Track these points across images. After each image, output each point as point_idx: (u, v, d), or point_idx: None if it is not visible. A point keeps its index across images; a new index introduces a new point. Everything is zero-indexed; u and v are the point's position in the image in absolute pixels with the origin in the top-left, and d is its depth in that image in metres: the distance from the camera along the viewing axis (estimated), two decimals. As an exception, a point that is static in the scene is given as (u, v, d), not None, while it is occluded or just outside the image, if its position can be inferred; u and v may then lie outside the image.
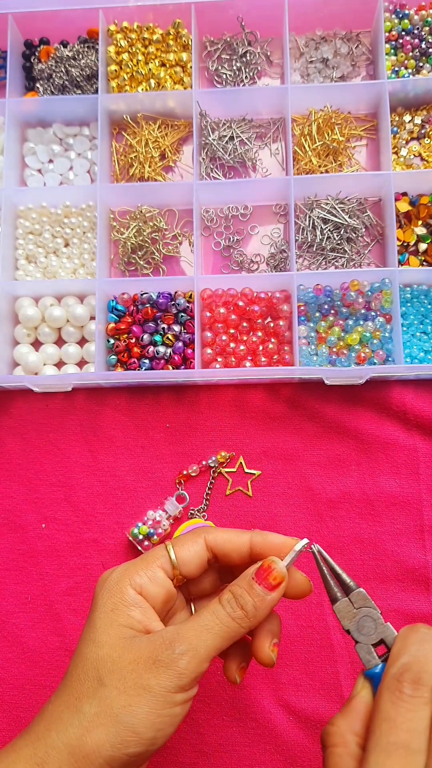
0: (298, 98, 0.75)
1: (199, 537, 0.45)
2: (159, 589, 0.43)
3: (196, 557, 0.44)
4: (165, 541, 0.45)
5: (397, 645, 0.38)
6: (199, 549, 0.44)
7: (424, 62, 0.77)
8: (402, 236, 0.73)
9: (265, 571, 0.42)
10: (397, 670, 0.36)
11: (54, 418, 0.72)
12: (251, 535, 0.45)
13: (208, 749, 0.64)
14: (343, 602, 0.42)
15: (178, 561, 0.44)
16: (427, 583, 0.66)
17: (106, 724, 0.38)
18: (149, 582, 0.42)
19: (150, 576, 0.43)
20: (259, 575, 0.42)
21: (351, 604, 0.42)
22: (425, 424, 0.69)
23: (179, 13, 0.77)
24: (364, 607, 0.41)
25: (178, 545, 0.44)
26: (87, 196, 0.76)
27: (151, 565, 0.43)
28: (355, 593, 0.42)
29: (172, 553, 0.44)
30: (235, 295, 0.73)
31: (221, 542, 0.44)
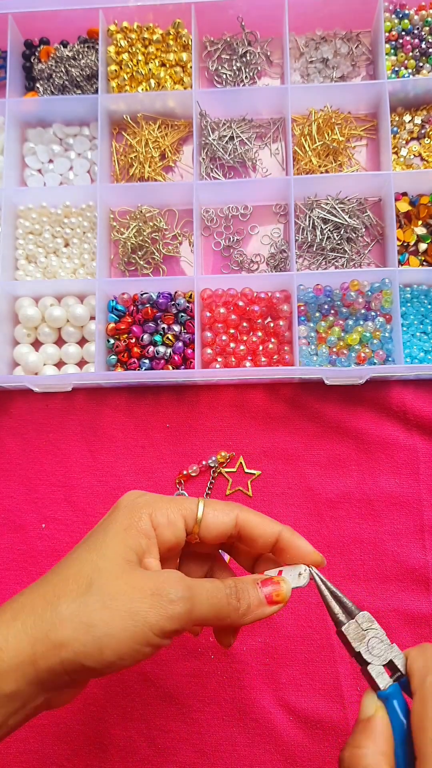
0: (298, 98, 0.75)
1: (233, 511, 0.43)
2: (172, 536, 0.42)
3: (221, 528, 0.43)
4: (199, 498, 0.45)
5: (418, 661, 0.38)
6: (228, 521, 0.43)
7: (424, 62, 0.77)
8: (402, 236, 0.73)
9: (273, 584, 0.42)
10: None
11: (54, 418, 0.72)
12: (282, 529, 0.44)
13: (208, 749, 0.64)
14: (352, 624, 0.41)
15: (203, 524, 0.43)
16: (427, 583, 0.66)
17: (78, 630, 0.37)
18: (166, 524, 0.42)
19: (170, 519, 0.42)
20: (266, 584, 0.42)
21: (359, 626, 0.41)
22: (425, 424, 0.69)
23: (179, 13, 0.77)
24: (371, 629, 0.41)
25: (210, 508, 0.43)
26: (87, 196, 0.76)
27: (176, 510, 0.42)
28: (361, 615, 0.41)
29: (201, 514, 0.43)
30: (235, 295, 0.73)
31: (252, 525, 0.43)
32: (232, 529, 0.43)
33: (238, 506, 0.44)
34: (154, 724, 0.64)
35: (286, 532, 0.44)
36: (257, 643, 0.65)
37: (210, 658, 0.65)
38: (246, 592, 0.41)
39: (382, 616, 0.66)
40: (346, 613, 0.42)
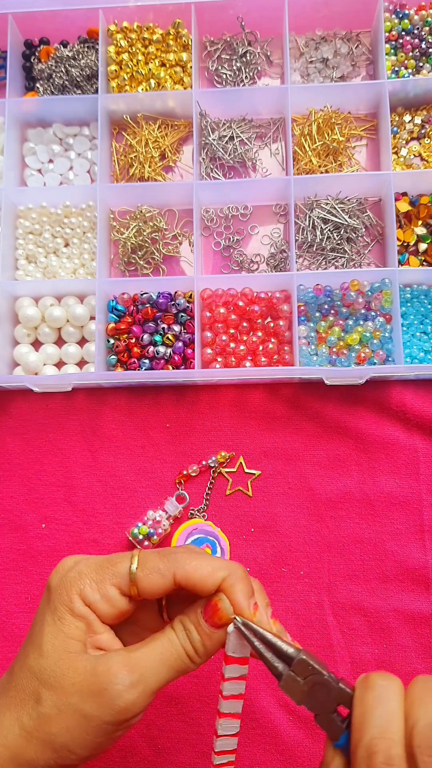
0: (298, 98, 0.75)
1: (168, 572, 0.40)
2: (109, 609, 0.40)
3: (159, 589, 0.40)
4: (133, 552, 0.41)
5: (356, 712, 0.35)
6: (165, 583, 0.40)
7: (424, 62, 0.77)
8: (402, 236, 0.73)
9: (212, 609, 0.39)
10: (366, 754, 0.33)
11: (54, 418, 0.72)
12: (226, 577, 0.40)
13: (208, 749, 0.64)
14: (288, 678, 0.36)
15: (140, 588, 0.40)
16: (427, 583, 0.66)
17: (44, 743, 0.37)
18: (100, 599, 0.40)
19: (103, 594, 0.40)
20: (206, 613, 0.39)
21: (296, 677, 0.37)
22: (425, 424, 0.69)
23: (179, 13, 0.77)
24: (311, 675, 0.36)
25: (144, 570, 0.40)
26: (87, 196, 0.76)
27: (106, 582, 0.40)
28: (297, 662, 0.37)
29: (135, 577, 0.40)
30: (235, 295, 0.73)
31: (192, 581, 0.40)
32: (171, 586, 0.40)
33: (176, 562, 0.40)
34: (154, 724, 0.64)
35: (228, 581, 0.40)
36: (257, 643, 0.65)
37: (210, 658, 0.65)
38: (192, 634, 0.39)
39: (382, 616, 0.66)
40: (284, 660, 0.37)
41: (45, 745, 0.37)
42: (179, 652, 0.39)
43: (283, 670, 0.37)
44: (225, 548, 0.67)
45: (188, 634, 0.39)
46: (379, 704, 0.34)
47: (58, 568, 0.42)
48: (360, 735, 0.34)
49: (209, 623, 0.39)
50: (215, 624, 0.39)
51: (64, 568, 0.41)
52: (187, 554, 0.41)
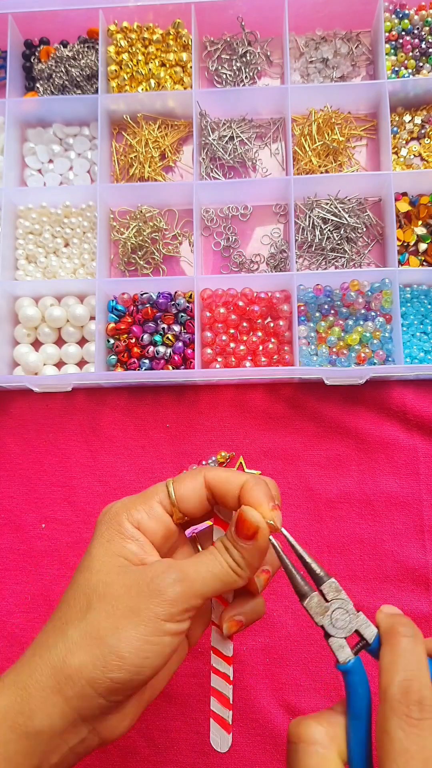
0: (298, 98, 0.75)
1: (199, 474, 0.43)
2: (157, 525, 0.42)
3: (195, 494, 0.43)
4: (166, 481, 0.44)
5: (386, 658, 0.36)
6: (197, 486, 0.43)
7: (424, 62, 0.77)
8: (402, 236, 0.73)
9: (241, 522, 0.41)
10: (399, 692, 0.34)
11: (54, 418, 0.72)
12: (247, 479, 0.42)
13: (208, 749, 0.64)
14: (314, 597, 0.39)
15: (177, 498, 0.43)
16: (427, 583, 0.66)
17: (90, 646, 0.37)
18: (147, 517, 0.42)
19: (148, 511, 0.42)
20: (237, 527, 0.41)
21: (322, 598, 0.39)
22: (425, 424, 0.69)
23: (179, 13, 0.77)
24: (336, 599, 0.39)
25: (178, 482, 0.43)
26: (87, 196, 0.76)
27: (150, 500, 0.43)
28: (327, 584, 0.39)
29: (172, 490, 0.43)
30: (235, 295, 0.73)
31: (219, 481, 0.43)
32: (204, 492, 0.43)
33: (205, 468, 0.44)
34: (154, 724, 0.64)
35: (249, 482, 0.42)
36: (257, 643, 0.65)
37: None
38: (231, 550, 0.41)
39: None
40: (314, 580, 0.40)
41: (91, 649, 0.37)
42: (223, 565, 0.40)
43: (309, 590, 0.39)
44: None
45: (229, 552, 0.41)
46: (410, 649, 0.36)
47: (104, 511, 0.44)
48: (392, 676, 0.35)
49: (241, 536, 0.41)
50: (246, 535, 0.41)
51: (111, 507, 0.43)
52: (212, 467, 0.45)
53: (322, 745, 0.35)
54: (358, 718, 0.36)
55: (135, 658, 0.37)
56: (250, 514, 0.40)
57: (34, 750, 0.36)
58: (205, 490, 0.43)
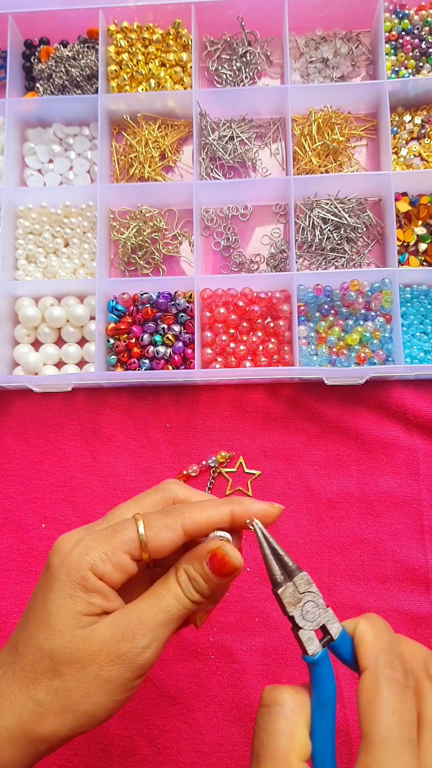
0: (298, 98, 0.75)
1: (176, 524, 0.40)
2: (121, 577, 0.39)
3: (171, 545, 0.40)
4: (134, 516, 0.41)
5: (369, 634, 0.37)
6: (176, 537, 0.40)
7: (424, 62, 0.77)
8: (402, 236, 0.73)
9: (220, 562, 0.40)
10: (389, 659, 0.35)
11: (54, 418, 0.72)
12: (232, 508, 0.41)
13: (208, 749, 0.64)
14: (289, 587, 0.39)
15: (150, 549, 0.39)
16: (427, 583, 0.66)
17: (64, 712, 0.38)
18: (113, 570, 0.39)
19: (115, 564, 0.39)
20: (212, 563, 0.40)
21: (296, 589, 0.39)
22: (425, 424, 0.69)
23: (179, 13, 0.77)
24: (308, 592, 0.39)
25: (152, 529, 0.39)
26: (87, 196, 0.76)
27: (117, 551, 0.39)
28: (299, 577, 0.39)
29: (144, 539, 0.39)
30: (235, 295, 0.73)
31: (199, 524, 0.40)
32: (181, 539, 0.40)
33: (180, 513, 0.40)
34: (154, 724, 0.64)
35: (236, 508, 0.41)
36: (257, 643, 0.65)
37: (210, 658, 0.65)
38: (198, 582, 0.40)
39: (382, 616, 0.65)
40: (286, 573, 0.40)
41: (64, 716, 0.38)
42: (185, 603, 0.40)
43: (284, 580, 0.39)
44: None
45: (194, 584, 0.40)
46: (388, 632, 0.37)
47: (58, 548, 0.41)
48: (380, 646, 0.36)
49: (217, 574, 0.40)
50: (223, 573, 0.40)
51: (67, 546, 0.41)
52: (188, 504, 0.42)
53: (292, 709, 0.36)
54: (324, 709, 0.37)
55: (105, 714, 0.39)
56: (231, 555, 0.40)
57: None
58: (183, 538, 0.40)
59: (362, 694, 0.35)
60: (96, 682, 0.38)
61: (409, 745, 0.32)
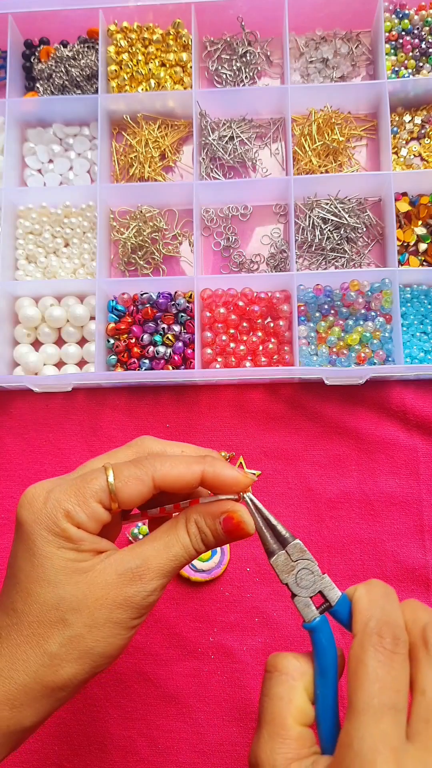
0: (298, 98, 0.75)
1: (146, 476, 0.40)
2: (96, 524, 0.40)
3: (139, 496, 0.40)
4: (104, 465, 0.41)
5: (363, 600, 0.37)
6: (145, 489, 0.40)
7: (424, 62, 0.77)
8: (402, 236, 0.73)
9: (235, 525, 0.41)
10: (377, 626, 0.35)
11: (54, 418, 0.72)
12: (204, 467, 0.41)
13: (208, 749, 0.64)
14: (281, 556, 0.40)
15: (120, 498, 0.40)
16: (427, 583, 0.66)
17: (81, 659, 0.39)
18: (87, 520, 0.39)
19: (88, 513, 0.39)
20: (226, 524, 0.41)
21: (288, 557, 0.40)
22: (425, 424, 0.69)
23: (179, 13, 0.77)
24: (302, 560, 0.40)
25: (121, 479, 0.40)
26: (87, 196, 0.76)
27: (89, 501, 0.39)
28: (292, 545, 0.40)
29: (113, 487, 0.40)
30: (235, 295, 0.73)
31: (170, 478, 0.40)
32: (151, 491, 0.40)
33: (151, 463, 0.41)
34: (154, 724, 0.64)
35: (208, 470, 0.41)
36: (257, 643, 0.65)
37: (210, 658, 0.65)
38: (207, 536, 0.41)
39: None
40: (279, 541, 0.41)
41: (82, 661, 0.39)
42: (191, 553, 0.41)
43: (277, 549, 0.40)
44: (225, 548, 0.67)
45: (203, 537, 0.41)
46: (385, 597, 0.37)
47: (27, 501, 0.40)
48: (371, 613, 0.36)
49: (229, 535, 0.41)
50: (234, 536, 0.41)
51: (37, 499, 0.40)
52: (161, 457, 0.42)
53: (292, 676, 0.37)
54: (325, 676, 0.37)
55: (118, 652, 0.40)
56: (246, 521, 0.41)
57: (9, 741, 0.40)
58: (152, 490, 0.40)
59: (350, 661, 0.35)
60: (107, 625, 0.39)
61: (391, 712, 0.32)
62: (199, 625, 0.66)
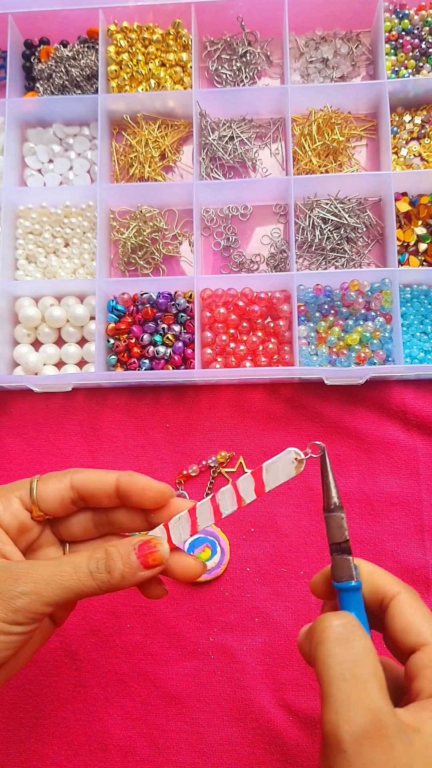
0: (298, 98, 0.75)
1: (66, 476, 0.44)
2: (12, 519, 0.43)
3: (58, 495, 0.43)
4: None
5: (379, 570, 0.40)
6: (62, 487, 0.44)
7: (424, 62, 0.77)
8: (402, 236, 0.73)
9: (150, 548, 0.41)
10: None
11: (54, 418, 0.72)
12: (118, 475, 0.44)
13: (208, 749, 0.64)
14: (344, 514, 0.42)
15: (39, 496, 0.43)
16: (427, 583, 0.66)
17: None
18: (2, 509, 0.42)
19: (4, 504, 0.43)
20: (141, 549, 0.41)
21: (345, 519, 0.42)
22: (425, 424, 0.69)
23: (179, 13, 0.77)
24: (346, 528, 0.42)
25: (43, 480, 0.44)
26: (87, 196, 0.76)
27: (9, 494, 0.43)
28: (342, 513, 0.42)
29: (35, 487, 0.44)
30: (235, 295, 0.73)
31: (87, 482, 0.44)
32: (69, 494, 0.43)
33: (73, 470, 0.45)
34: (154, 724, 0.64)
35: (123, 477, 0.43)
36: (257, 643, 0.65)
37: (210, 658, 0.65)
38: (115, 563, 0.40)
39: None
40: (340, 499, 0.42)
41: None
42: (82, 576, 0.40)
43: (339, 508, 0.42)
44: (225, 548, 0.67)
45: (108, 562, 0.41)
46: None
47: None
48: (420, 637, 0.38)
49: (141, 560, 0.41)
50: (147, 563, 0.41)
51: None
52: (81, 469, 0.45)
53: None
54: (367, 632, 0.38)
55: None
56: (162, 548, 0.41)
57: None
58: (72, 492, 0.44)
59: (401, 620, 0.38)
60: None
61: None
62: (199, 625, 0.66)
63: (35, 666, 0.66)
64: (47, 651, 0.67)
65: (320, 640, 0.36)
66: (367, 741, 0.32)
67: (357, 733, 0.32)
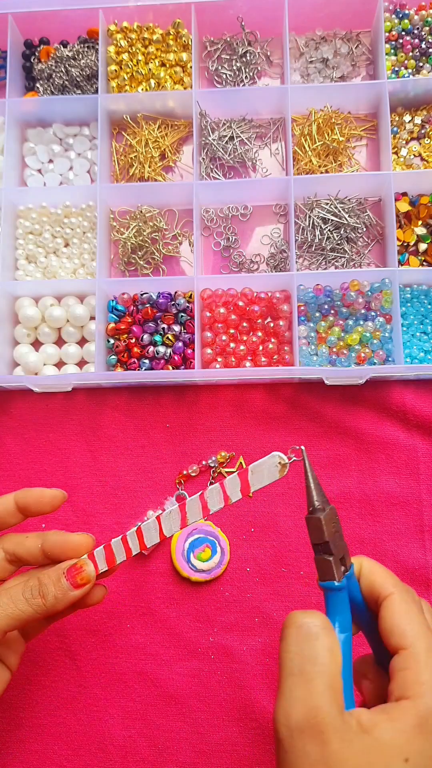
0: (298, 98, 0.75)
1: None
2: None
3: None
4: None
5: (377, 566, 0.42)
6: None
7: (424, 62, 0.77)
8: (402, 236, 0.73)
9: (77, 570, 0.46)
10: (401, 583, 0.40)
11: (54, 418, 0.72)
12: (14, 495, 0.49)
13: (208, 749, 0.64)
14: (329, 512, 0.42)
15: None
16: (427, 583, 0.66)
17: None
18: None
19: None
20: (70, 572, 0.46)
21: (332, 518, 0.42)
22: (425, 424, 0.69)
23: (179, 13, 0.77)
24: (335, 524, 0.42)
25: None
26: (87, 196, 0.76)
27: None
28: (331, 509, 0.42)
29: None
30: (235, 295, 0.73)
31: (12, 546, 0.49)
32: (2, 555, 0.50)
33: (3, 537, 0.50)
34: (154, 724, 0.64)
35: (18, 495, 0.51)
36: (257, 643, 0.66)
37: (210, 658, 0.65)
38: (47, 588, 0.45)
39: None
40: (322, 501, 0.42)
41: None
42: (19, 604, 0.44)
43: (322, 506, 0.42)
44: (225, 548, 0.67)
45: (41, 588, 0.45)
46: None
47: None
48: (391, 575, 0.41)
49: (70, 581, 0.46)
50: (75, 583, 0.45)
51: None
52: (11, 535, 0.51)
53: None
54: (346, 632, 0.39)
55: None
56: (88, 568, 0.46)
57: None
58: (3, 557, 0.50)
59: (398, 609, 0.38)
60: None
61: None
62: (199, 625, 0.66)
63: (35, 666, 0.66)
64: (47, 651, 0.67)
65: (282, 636, 0.38)
66: (300, 734, 0.33)
67: (292, 727, 0.34)
